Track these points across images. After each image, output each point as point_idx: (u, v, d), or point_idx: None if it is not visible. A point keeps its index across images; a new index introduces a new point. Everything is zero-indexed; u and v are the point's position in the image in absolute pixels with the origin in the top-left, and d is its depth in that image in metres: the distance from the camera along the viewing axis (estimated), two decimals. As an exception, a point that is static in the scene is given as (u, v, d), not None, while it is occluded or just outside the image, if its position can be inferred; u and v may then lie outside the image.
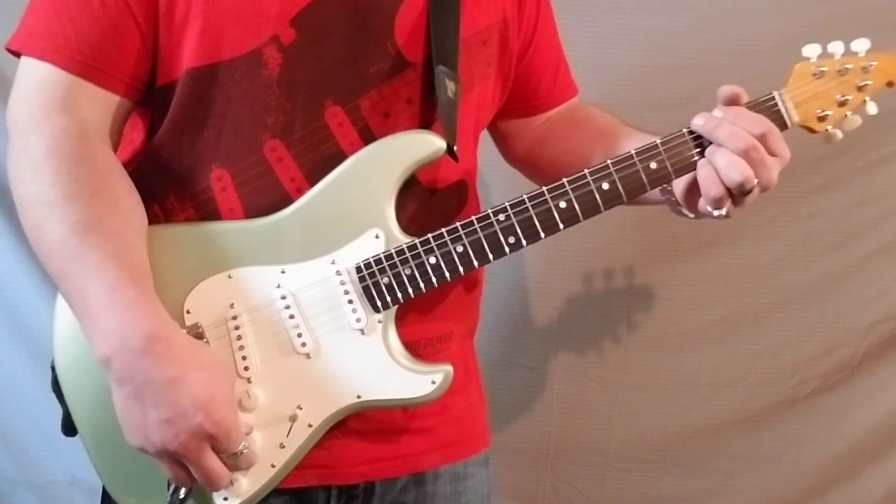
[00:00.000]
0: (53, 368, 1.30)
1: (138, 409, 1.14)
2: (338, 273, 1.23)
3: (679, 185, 1.29)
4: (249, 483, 1.25)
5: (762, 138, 1.21)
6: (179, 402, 1.13)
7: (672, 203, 1.34)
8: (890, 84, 1.27)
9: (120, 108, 1.25)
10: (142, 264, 1.19)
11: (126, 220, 1.20)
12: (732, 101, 1.25)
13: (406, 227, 1.26)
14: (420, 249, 1.24)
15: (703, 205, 1.26)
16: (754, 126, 1.22)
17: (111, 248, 1.16)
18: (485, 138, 1.51)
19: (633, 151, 1.25)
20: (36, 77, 1.21)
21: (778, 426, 2.13)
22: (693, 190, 1.27)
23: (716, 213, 1.24)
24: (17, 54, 1.24)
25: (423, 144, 1.25)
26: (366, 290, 1.24)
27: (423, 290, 1.24)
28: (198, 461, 1.15)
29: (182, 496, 1.23)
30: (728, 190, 1.22)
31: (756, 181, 1.21)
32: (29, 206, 1.18)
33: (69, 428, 1.30)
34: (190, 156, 1.26)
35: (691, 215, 1.32)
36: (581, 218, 1.25)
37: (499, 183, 1.77)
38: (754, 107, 1.25)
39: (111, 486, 1.30)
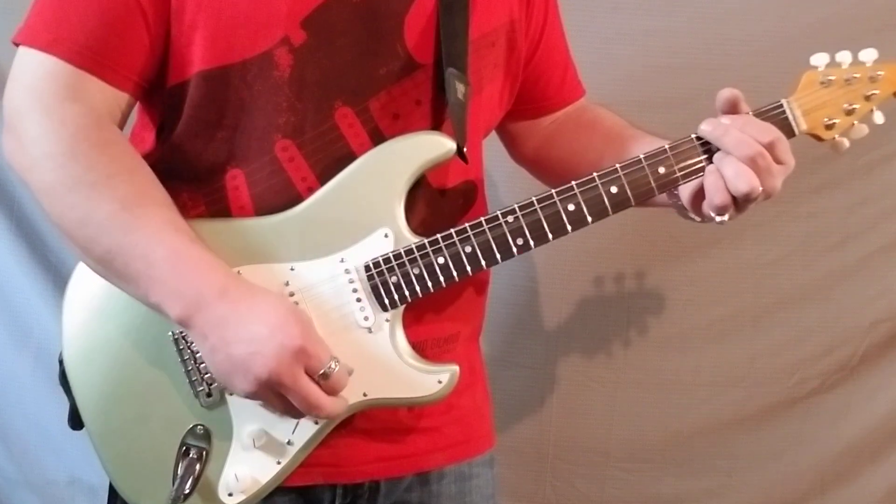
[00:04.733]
0: (61, 362, 1.30)
1: (224, 354, 1.15)
2: (347, 271, 1.23)
3: (686, 189, 1.30)
4: (254, 479, 1.25)
5: (770, 146, 1.22)
6: (258, 331, 1.13)
7: (678, 207, 1.34)
8: None
9: (124, 104, 1.25)
10: (190, 229, 1.20)
11: (164, 193, 1.21)
12: (732, 105, 1.25)
13: (415, 227, 1.26)
14: (429, 249, 1.24)
15: (706, 209, 1.26)
16: (763, 134, 1.22)
17: (163, 215, 1.18)
18: (492, 138, 1.51)
19: (642, 156, 1.26)
20: (42, 68, 1.19)
21: (778, 426, 2.13)
22: (699, 195, 1.28)
23: (718, 218, 1.25)
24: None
25: (434, 145, 1.25)
26: (374, 288, 1.24)
27: (432, 290, 1.24)
28: (293, 385, 1.14)
29: (187, 490, 1.22)
30: (733, 198, 1.22)
31: (760, 189, 1.22)
32: (64, 189, 1.17)
33: (76, 421, 1.30)
34: (205, 156, 1.26)
35: (698, 219, 1.33)
36: (589, 220, 1.26)
37: (507, 183, 1.76)
38: (762, 114, 1.26)
39: (117, 480, 1.30)
